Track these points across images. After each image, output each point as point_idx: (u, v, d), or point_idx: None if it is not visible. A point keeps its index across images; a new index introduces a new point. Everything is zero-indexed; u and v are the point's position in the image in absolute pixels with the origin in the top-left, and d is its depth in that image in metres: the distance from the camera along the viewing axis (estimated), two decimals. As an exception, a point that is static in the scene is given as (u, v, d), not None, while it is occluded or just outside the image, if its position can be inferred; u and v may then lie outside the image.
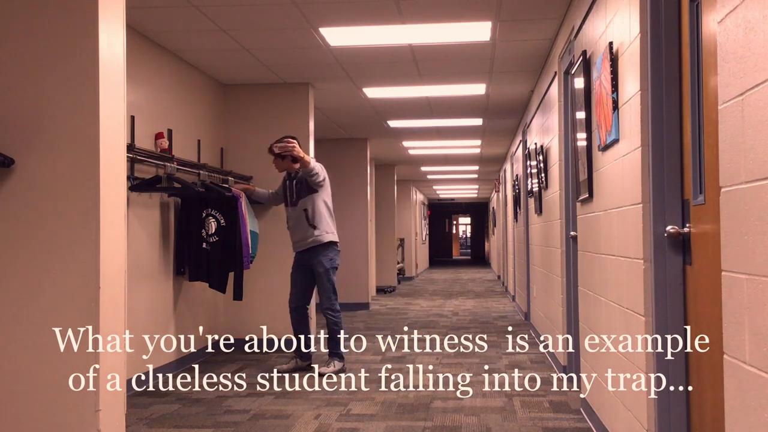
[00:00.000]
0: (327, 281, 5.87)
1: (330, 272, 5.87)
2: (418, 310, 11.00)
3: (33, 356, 3.11)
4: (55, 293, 3.11)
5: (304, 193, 5.86)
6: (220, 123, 7.24)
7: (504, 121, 9.85)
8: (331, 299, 5.90)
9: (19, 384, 3.10)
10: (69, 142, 3.12)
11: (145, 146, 5.50)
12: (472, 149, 12.84)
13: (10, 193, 3.16)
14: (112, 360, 3.16)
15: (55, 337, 3.09)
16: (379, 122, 9.73)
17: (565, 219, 5.48)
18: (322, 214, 5.86)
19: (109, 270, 3.17)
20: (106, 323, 3.12)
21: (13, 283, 3.14)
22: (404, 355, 6.84)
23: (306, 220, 5.84)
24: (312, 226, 5.83)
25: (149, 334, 5.67)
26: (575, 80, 4.48)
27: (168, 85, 6.09)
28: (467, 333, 8.38)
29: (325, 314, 5.94)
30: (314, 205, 5.84)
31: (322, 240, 5.85)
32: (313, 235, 5.85)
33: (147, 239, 5.65)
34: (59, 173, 3.13)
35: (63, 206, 3.13)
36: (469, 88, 7.67)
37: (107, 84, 3.18)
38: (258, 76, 7.06)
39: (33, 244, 3.14)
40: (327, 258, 5.86)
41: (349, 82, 7.28)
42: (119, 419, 3.24)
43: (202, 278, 6.16)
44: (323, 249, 5.86)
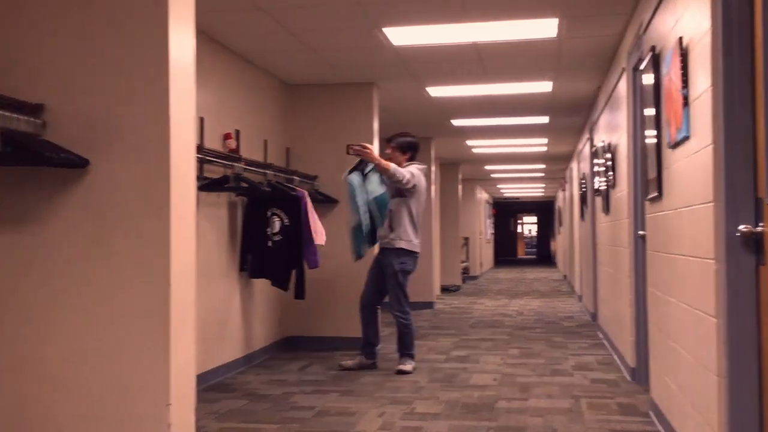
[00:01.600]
0: (395, 283, 5.91)
1: (399, 275, 5.91)
2: (482, 310, 10.95)
3: (106, 352, 3.21)
4: (127, 291, 3.20)
5: (395, 194, 5.94)
6: (285, 123, 7.34)
7: (570, 119, 9.72)
8: (400, 301, 5.94)
9: (93, 379, 3.21)
10: (141, 143, 3.21)
11: (213, 147, 5.62)
12: (538, 147, 12.70)
13: (85, 193, 3.27)
14: (183, 355, 3.25)
15: (129, 333, 3.19)
16: (443, 121, 9.72)
17: (633, 218, 5.39)
18: (402, 220, 5.92)
19: (180, 268, 3.25)
20: (176, 320, 3.20)
21: (87, 281, 3.25)
22: (469, 355, 6.82)
23: (388, 220, 5.93)
24: (390, 228, 5.92)
25: (218, 330, 5.79)
26: (644, 76, 4.40)
27: (236, 86, 6.21)
28: (532, 333, 8.30)
29: (394, 315, 5.98)
30: (398, 209, 5.91)
31: (394, 244, 5.92)
32: (389, 236, 5.93)
33: (215, 238, 5.77)
34: (131, 173, 3.22)
35: (135, 206, 3.22)
36: (535, 86, 7.60)
37: (177, 86, 3.26)
38: (323, 77, 7.14)
39: (107, 243, 3.24)
40: (397, 261, 5.91)
41: (412, 81, 7.30)
42: (189, 414, 3.32)
43: (265, 275, 6.26)
44: (395, 252, 5.91)
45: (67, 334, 3.24)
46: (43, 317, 3.26)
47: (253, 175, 6.17)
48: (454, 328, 8.78)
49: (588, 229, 9.61)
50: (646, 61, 4.24)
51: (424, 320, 9.64)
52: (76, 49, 3.28)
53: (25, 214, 3.30)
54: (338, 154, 7.17)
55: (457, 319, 9.82)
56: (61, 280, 3.26)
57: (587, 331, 8.46)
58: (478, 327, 8.91)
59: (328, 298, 7.30)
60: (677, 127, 3.48)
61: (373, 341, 6.09)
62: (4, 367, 3.27)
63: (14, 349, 3.27)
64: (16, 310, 3.28)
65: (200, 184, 5.37)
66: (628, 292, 5.54)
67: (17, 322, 3.27)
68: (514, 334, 8.26)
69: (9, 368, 3.27)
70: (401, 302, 5.94)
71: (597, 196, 8.10)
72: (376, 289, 6.05)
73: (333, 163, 7.31)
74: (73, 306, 3.25)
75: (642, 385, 5.29)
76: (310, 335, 7.34)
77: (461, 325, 9.06)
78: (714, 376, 2.95)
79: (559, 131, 10.78)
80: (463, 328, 8.77)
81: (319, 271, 7.10)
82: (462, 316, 10.08)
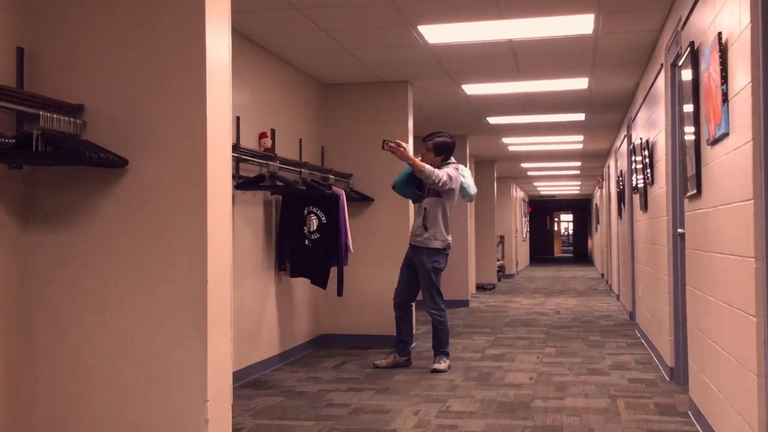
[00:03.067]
0: (430, 282, 5.92)
1: (431, 273, 5.91)
2: (518, 308, 10.90)
3: (144, 349, 3.26)
4: (165, 288, 3.25)
5: (431, 194, 5.94)
6: (320, 122, 7.38)
7: (607, 116, 9.63)
8: (434, 299, 5.94)
9: (131, 375, 3.27)
10: (178, 142, 3.26)
11: (249, 146, 5.67)
12: (574, 145, 12.60)
13: (124, 192, 3.32)
14: (220, 352, 3.29)
15: (167, 330, 3.23)
16: (478, 119, 9.69)
17: (671, 216, 5.33)
18: (437, 219, 5.92)
19: (216, 266, 3.28)
20: (213, 317, 3.24)
21: (125, 279, 3.30)
22: (504, 354, 6.80)
23: (422, 218, 5.93)
24: (424, 227, 5.92)
25: (254, 328, 5.85)
26: (682, 72, 4.35)
27: (271, 85, 6.26)
28: (569, 332, 8.25)
29: (429, 313, 5.99)
30: (434, 209, 5.91)
31: (428, 244, 5.92)
32: (423, 235, 5.93)
33: (251, 236, 5.82)
34: (169, 172, 3.27)
35: (173, 204, 3.26)
36: (571, 83, 7.54)
37: (214, 86, 3.30)
38: (357, 75, 7.16)
39: (145, 241, 3.29)
40: (430, 260, 5.91)
41: (447, 79, 7.29)
42: (226, 410, 3.36)
43: (304, 274, 6.29)
44: (428, 252, 5.92)
45: (105, 331, 3.30)
46: (81, 315, 3.32)
47: (289, 173, 6.21)
48: (489, 327, 8.75)
49: (626, 226, 9.52)
50: (685, 57, 4.19)
51: (459, 318, 9.63)
52: (115, 50, 3.33)
53: (66, 213, 3.37)
54: (373, 152, 7.19)
55: (493, 317, 9.79)
56: (100, 278, 3.32)
57: (625, 330, 8.37)
58: (514, 325, 8.87)
59: (363, 295, 7.33)
60: (716, 123, 3.44)
61: (407, 339, 6.10)
62: (46, 363, 3.34)
63: (55, 346, 3.34)
64: (55, 308, 3.35)
65: (236, 182, 5.42)
66: (667, 291, 5.47)
67: (57, 320, 3.34)
68: (551, 332, 8.21)
69: (50, 365, 3.34)
70: (436, 300, 5.94)
71: (635, 193, 8.02)
72: (409, 287, 6.06)
73: (367, 162, 7.33)
74: (111, 304, 3.30)
75: (681, 385, 5.22)
76: (345, 333, 7.38)
77: (497, 324, 9.02)
78: (754, 376, 2.90)
79: (595, 128, 10.68)
80: (498, 327, 8.73)
81: (354, 268, 7.13)
82: (497, 315, 10.05)
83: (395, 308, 6.11)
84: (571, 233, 37.67)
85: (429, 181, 5.78)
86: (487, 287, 14.24)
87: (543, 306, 11.26)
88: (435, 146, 6.06)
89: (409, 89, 7.44)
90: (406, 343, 6.12)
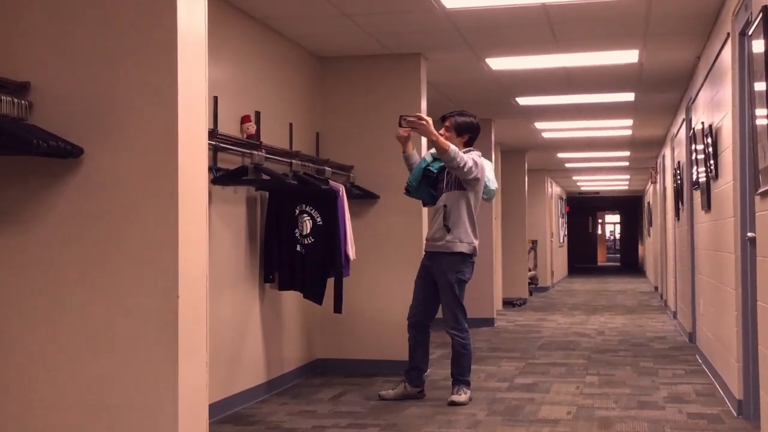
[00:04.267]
0: (452, 297, 5.87)
1: (455, 286, 5.87)
2: (554, 328, 10.89)
3: (103, 378, 3.26)
4: (128, 303, 3.25)
5: (452, 186, 5.85)
6: (315, 103, 7.38)
7: (662, 96, 9.60)
8: (457, 317, 5.91)
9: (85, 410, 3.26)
10: (144, 128, 3.26)
11: (229, 132, 5.67)
12: (622, 131, 12.56)
13: (79, 188, 3.32)
14: (193, 381, 3.28)
15: (129, 354, 3.23)
16: (506, 99, 9.67)
17: (740, 217, 5.31)
18: (461, 218, 5.84)
19: (190, 277, 3.28)
20: (186, 338, 3.24)
21: (80, 291, 3.30)
22: (537, 383, 6.78)
23: (442, 218, 5.85)
24: (446, 228, 5.82)
25: (235, 351, 5.85)
26: (753, 43, 4.33)
27: (256, 59, 6.26)
28: (615, 356, 8.23)
29: (450, 334, 5.95)
30: (456, 204, 5.81)
31: (452, 248, 5.84)
32: (444, 239, 5.84)
33: (231, 240, 5.82)
34: (133, 164, 3.27)
35: (137, 202, 3.26)
36: (618, 56, 7.52)
37: (187, 59, 3.29)
38: (360, 47, 7.16)
39: (103, 247, 3.29)
40: (453, 270, 5.84)
41: (468, 51, 7.28)
42: (201, 450, 3.36)
43: (295, 287, 6.29)
44: (451, 258, 5.84)
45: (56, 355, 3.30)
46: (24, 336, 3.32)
47: (277, 165, 6.21)
48: (519, 350, 8.74)
49: (684, 229, 9.49)
50: (756, 24, 4.17)
51: (483, 340, 9.61)
52: (66, 16, 3.33)
53: (8, 213, 3.36)
54: (379, 140, 7.18)
55: (523, 339, 9.77)
56: (49, 291, 3.31)
57: (683, 354, 8.35)
58: (549, 349, 8.85)
59: (366, 312, 7.32)
60: (795, 104, 3.42)
61: (420, 366, 6.08)
62: None
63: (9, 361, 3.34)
64: (-1, 326, 3.34)
65: (213, 176, 5.42)
66: (734, 308, 5.45)
67: None
68: (593, 357, 8.19)
69: None
70: (459, 319, 5.91)
71: (695, 189, 8.00)
72: (426, 304, 6.00)
73: (372, 152, 7.32)
74: (63, 322, 3.30)
75: (751, 421, 5.20)
76: (345, 358, 7.36)
77: (528, 347, 9.01)
78: (841, 412, 2.89)
79: (647, 111, 10.65)
80: (530, 351, 8.72)
81: (356, 280, 7.13)
82: (529, 336, 10.03)
83: (410, 329, 6.06)
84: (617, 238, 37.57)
85: (453, 164, 5.69)
86: (517, 303, 14.22)
87: (584, 325, 11.24)
88: (457, 125, 6.01)
89: (422, 64, 7.44)
90: (419, 371, 6.09)
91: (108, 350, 3.26)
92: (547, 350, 8.77)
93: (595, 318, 12.30)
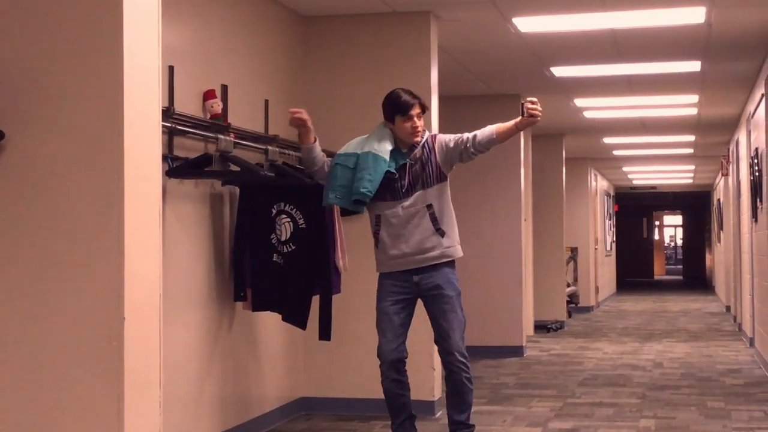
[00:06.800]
0: (461, 316, 5.82)
1: (460, 299, 5.87)
2: (598, 359, 10.89)
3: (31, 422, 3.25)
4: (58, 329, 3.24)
5: (431, 181, 5.81)
6: (297, 75, 7.37)
7: (736, 65, 9.60)
8: (463, 340, 5.88)
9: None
10: (80, 106, 3.25)
11: (188, 111, 5.67)
12: (685, 109, 12.57)
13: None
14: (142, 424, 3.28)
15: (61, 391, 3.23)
16: (538, 69, 9.67)
17: (833, 218, 5.31)
18: (452, 215, 5.83)
19: (138, 294, 3.28)
20: (134, 372, 3.23)
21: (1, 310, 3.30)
22: (578, 428, 6.79)
23: (431, 222, 5.80)
24: (439, 232, 5.78)
25: (196, 388, 5.84)
26: None
27: (222, 20, 6.25)
28: (677, 395, 8.23)
29: (453, 364, 5.86)
30: (442, 201, 5.79)
31: (453, 254, 5.81)
32: (442, 245, 5.78)
33: (191, 248, 5.82)
34: (66, 152, 3.26)
35: (71, 200, 3.26)
36: (680, 14, 7.53)
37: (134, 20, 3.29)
38: (354, 3, 7.15)
39: (27, 256, 3.28)
40: (455, 279, 5.84)
41: (490, 8, 7.27)
42: None
43: (272, 306, 6.28)
44: (452, 268, 5.84)
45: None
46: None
47: (249, 153, 6.20)
48: (554, 387, 8.74)
49: (764, 234, 9.48)
50: None
51: (509, 374, 9.61)
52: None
53: None
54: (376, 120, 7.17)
55: (560, 372, 9.77)
56: (-37, 311, 3.32)
57: (762, 392, 8.35)
58: (593, 385, 8.85)
59: (361, 339, 7.30)
60: None
61: (412, 411, 6.01)
62: None
63: None
64: None
65: (169, 166, 5.41)
66: (826, 333, 5.45)
67: None
68: (649, 396, 8.19)
69: None
70: (463, 342, 5.87)
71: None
72: (404, 334, 5.92)
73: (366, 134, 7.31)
74: (-20, 351, 3.30)
75: None
76: (334, 396, 7.36)
77: (566, 383, 9.01)
78: None
79: (717, 84, 10.65)
80: (568, 387, 8.72)
81: (348, 297, 7.11)
82: (567, 369, 10.03)
83: (388, 371, 5.89)
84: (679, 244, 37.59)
85: (490, 148, 5.79)
86: (552, 327, 14.21)
87: (637, 355, 11.24)
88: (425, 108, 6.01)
89: (432, 24, 7.43)
90: (413, 418, 6.03)
91: (34, 388, 3.25)
92: (590, 387, 8.76)
93: (651, 346, 12.30)
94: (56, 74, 3.28)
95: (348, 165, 5.67)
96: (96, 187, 3.24)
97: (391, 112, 5.77)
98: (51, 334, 3.25)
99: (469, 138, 5.71)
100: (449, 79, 9.34)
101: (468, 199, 10.34)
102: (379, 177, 5.62)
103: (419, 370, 6.71)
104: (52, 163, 3.28)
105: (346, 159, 5.70)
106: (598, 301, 19.75)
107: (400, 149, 5.74)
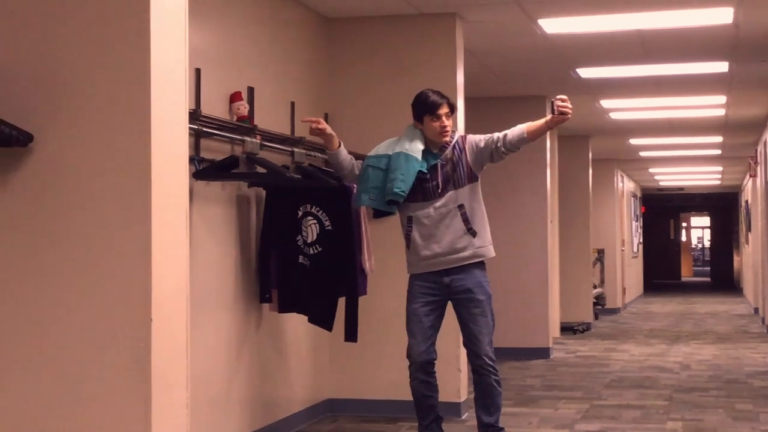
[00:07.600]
0: (491, 318, 5.81)
1: (491, 301, 5.86)
2: (626, 361, 10.86)
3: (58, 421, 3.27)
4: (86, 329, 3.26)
5: (462, 181, 5.80)
6: (323, 77, 7.38)
7: (763, 66, 9.55)
8: (492, 344, 5.87)
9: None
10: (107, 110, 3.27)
11: (215, 113, 5.68)
12: (713, 110, 12.52)
13: (26, 183, 3.33)
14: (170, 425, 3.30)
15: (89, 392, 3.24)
16: (563, 71, 9.65)
17: None
18: (484, 215, 5.83)
19: (166, 296, 3.29)
20: (161, 373, 3.25)
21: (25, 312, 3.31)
22: (604, 430, 6.77)
23: (463, 222, 5.79)
24: (471, 232, 5.76)
25: (223, 389, 5.86)
26: None
27: (249, 23, 6.27)
28: (705, 397, 8.20)
29: (482, 367, 5.85)
30: (474, 200, 5.77)
31: (485, 254, 5.80)
32: (473, 245, 5.76)
33: (218, 250, 5.83)
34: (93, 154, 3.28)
35: (99, 201, 3.27)
36: (707, 15, 7.49)
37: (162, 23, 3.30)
38: (379, 5, 7.15)
39: (55, 258, 3.30)
40: (486, 281, 5.83)
41: (516, 9, 7.26)
42: None
43: (299, 308, 6.29)
44: (483, 269, 5.83)
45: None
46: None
47: (275, 155, 6.22)
48: (581, 389, 8.72)
49: (791, 235, 9.44)
50: None
51: (535, 376, 9.59)
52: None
53: (-59, 215, 3.39)
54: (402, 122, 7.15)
55: (586, 374, 9.74)
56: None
57: (791, 394, 8.32)
58: (619, 387, 8.83)
59: (387, 341, 7.30)
60: None
61: (439, 413, 6.00)
62: None
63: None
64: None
65: (196, 169, 5.43)
66: None
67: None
68: (676, 398, 8.16)
69: None
70: (492, 345, 5.86)
71: (805, 184, 7.97)
72: (434, 335, 5.91)
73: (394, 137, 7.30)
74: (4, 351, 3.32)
75: None
76: (361, 398, 7.36)
77: (592, 385, 8.98)
78: None
79: (745, 85, 10.60)
80: (595, 389, 8.69)
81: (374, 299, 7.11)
82: (593, 371, 10.00)
83: (417, 372, 5.90)
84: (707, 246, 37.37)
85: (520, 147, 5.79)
86: (578, 329, 14.17)
87: (664, 357, 11.20)
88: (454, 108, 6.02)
89: (457, 26, 7.43)
90: (440, 419, 6.03)
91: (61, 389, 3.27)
92: (617, 389, 8.74)
93: (679, 348, 12.26)
94: (84, 77, 3.30)
95: (379, 166, 5.70)
96: (123, 188, 3.26)
97: (420, 112, 5.79)
98: (78, 336, 3.26)
99: (499, 137, 5.71)
100: (474, 81, 9.34)
101: (494, 201, 10.23)
102: (412, 176, 5.65)
103: (446, 372, 6.70)
104: (79, 166, 3.30)
105: (377, 161, 5.73)
106: (624, 303, 19.68)
107: (431, 150, 5.76)
